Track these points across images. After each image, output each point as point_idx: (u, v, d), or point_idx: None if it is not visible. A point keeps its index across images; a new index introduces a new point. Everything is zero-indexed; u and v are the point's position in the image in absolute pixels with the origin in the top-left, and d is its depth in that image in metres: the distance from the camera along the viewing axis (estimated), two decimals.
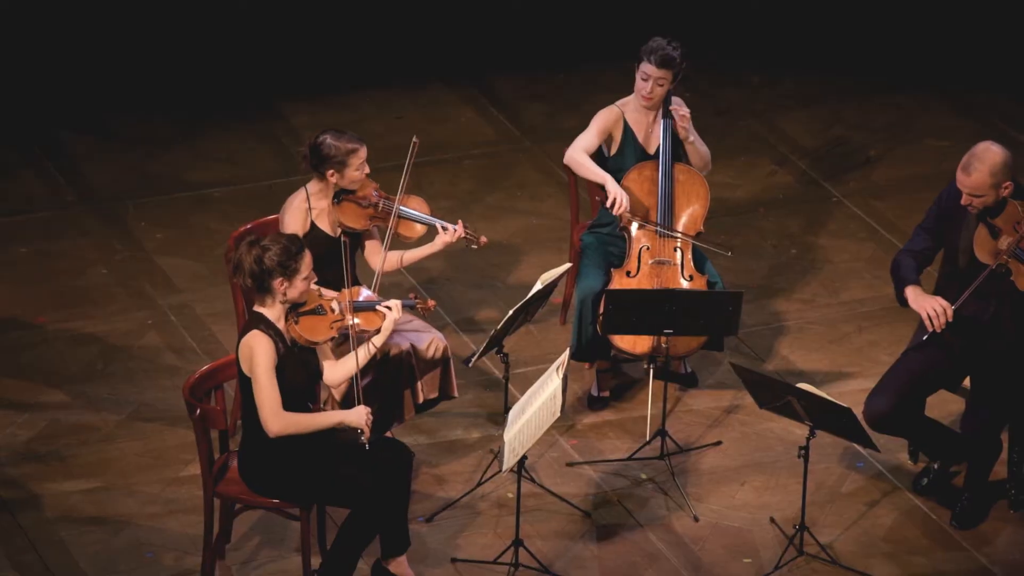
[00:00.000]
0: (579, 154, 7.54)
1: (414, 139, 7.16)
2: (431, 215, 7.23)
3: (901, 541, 7.07)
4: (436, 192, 9.07)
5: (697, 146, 7.62)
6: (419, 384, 7.17)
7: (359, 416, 6.49)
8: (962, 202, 6.81)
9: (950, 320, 6.79)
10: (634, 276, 7.49)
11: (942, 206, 6.97)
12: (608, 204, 7.42)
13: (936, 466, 7.28)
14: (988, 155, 6.74)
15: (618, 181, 7.54)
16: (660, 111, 7.58)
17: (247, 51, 10.12)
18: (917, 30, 10.41)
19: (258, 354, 6.41)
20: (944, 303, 6.81)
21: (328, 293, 6.72)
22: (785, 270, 8.59)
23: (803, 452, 6.77)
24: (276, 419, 6.41)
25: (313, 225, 7.13)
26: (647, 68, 7.50)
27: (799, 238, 8.81)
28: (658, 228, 7.46)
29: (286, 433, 6.42)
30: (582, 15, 10.48)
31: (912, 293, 6.90)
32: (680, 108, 7.55)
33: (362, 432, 6.47)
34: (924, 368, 7.01)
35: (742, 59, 10.19)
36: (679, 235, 7.46)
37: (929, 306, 6.82)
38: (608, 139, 7.63)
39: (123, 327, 8.16)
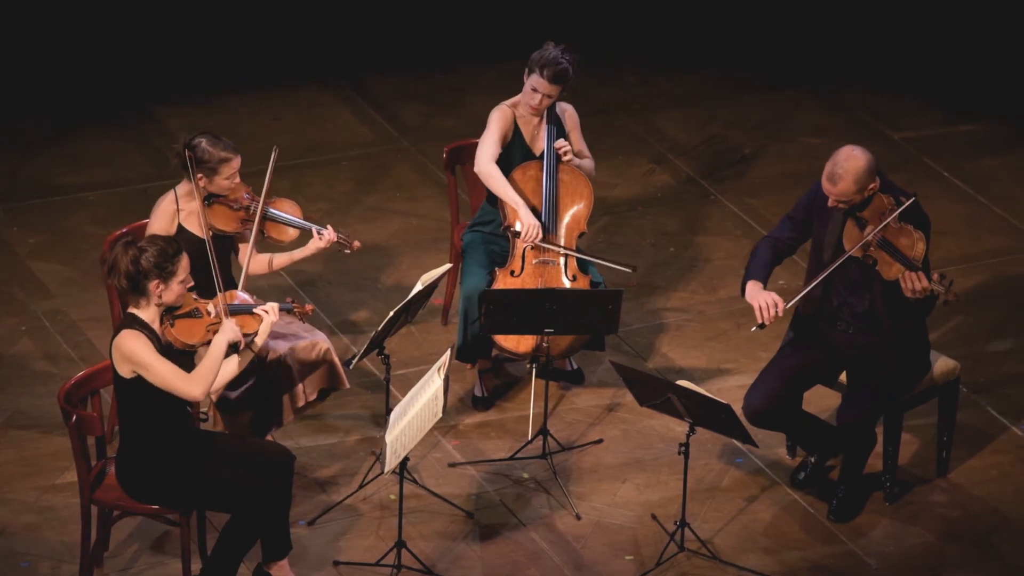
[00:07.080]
0: (492, 167, 7.42)
1: (275, 148, 7.12)
2: (304, 219, 7.18)
3: (780, 535, 7.13)
4: (314, 194, 9.02)
5: (583, 166, 7.62)
6: (299, 387, 7.13)
7: (233, 330, 6.48)
8: (829, 204, 6.90)
9: (779, 315, 6.89)
10: (518, 276, 7.50)
11: (812, 199, 7.05)
12: (523, 234, 7.36)
13: (813, 460, 7.36)
14: (851, 164, 6.84)
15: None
16: (545, 115, 7.56)
17: (120, 53, 9.99)
18: (788, 29, 10.52)
19: (137, 349, 6.33)
20: (776, 298, 6.92)
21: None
22: (663, 268, 8.64)
23: (683, 449, 6.81)
24: (191, 385, 6.37)
25: (180, 228, 7.05)
26: (538, 82, 7.40)
27: (677, 236, 8.87)
28: (561, 249, 7.45)
29: (209, 387, 6.39)
30: (459, 14, 10.47)
31: (750, 288, 7.02)
32: (560, 150, 7.45)
33: (248, 336, 6.51)
34: (801, 364, 7.09)
35: (618, 58, 10.24)
36: (575, 255, 7.45)
37: (761, 299, 6.93)
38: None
39: None
